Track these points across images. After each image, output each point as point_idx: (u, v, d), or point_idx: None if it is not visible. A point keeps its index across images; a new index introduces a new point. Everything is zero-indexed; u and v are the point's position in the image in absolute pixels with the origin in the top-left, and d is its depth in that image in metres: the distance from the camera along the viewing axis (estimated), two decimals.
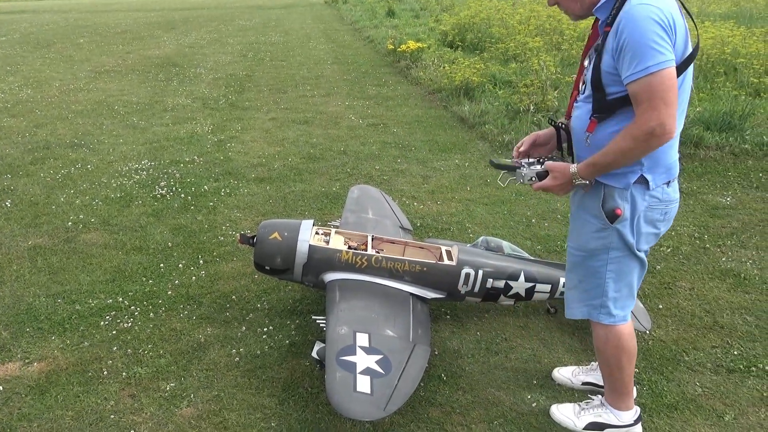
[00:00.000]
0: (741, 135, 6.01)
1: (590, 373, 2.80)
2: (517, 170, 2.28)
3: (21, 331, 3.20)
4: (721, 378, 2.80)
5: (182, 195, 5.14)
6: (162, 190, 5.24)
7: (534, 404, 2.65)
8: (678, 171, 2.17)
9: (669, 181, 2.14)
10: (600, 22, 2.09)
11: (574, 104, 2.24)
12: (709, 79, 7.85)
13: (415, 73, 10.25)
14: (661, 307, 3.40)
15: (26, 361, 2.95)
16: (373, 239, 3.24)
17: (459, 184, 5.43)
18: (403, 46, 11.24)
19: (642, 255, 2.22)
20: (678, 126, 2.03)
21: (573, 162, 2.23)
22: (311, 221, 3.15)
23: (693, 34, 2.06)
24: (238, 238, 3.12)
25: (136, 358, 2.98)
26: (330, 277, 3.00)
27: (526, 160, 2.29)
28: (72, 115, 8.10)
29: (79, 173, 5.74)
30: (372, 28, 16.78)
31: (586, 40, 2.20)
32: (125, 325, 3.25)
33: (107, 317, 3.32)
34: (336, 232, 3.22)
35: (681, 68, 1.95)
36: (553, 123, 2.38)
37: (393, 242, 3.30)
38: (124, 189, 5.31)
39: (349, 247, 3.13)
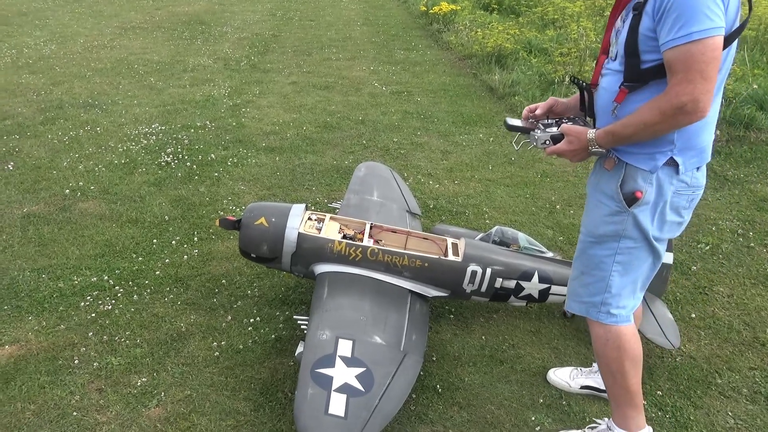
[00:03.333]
0: None
1: (591, 376, 2.52)
2: (531, 132, 2.07)
3: None
4: (758, 408, 2.44)
5: (188, 163, 4.90)
6: (168, 157, 5.01)
7: (538, 428, 2.35)
8: (710, 155, 1.93)
9: (699, 166, 1.90)
10: None
11: (602, 72, 1.97)
12: (766, 53, 7.14)
13: (446, 38, 9.72)
14: (693, 315, 3.03)
15: None
16: (371, 227, 2.93)
17: (481, 161, 5.05)
18: (436, 8, 10.66)
19: (658, 246, 1.96)
20: (714, 104, 1.80)
21: (594, 127, 1.97)
22: (303, 206, 2.86)
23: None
24: (217, 222, 2.85)
25: (111, 346, 2.78)
26: (320, 269, 2.73)
27: (544, 121, 2.08)
28: (90, 74, 7.91)
29: (87, 136, 5.55)
30: None
31: None
32: (106, 307, 3.05)
33: (89, 297, 3.12)
34: (331, 218, 2.93)
35: (730, 39, 1.70)
36: (576, 81, 2.09)
37: (394, 231, 2.99)
38: (130, 155, 5.10)
39: (344, 236, 2.84)
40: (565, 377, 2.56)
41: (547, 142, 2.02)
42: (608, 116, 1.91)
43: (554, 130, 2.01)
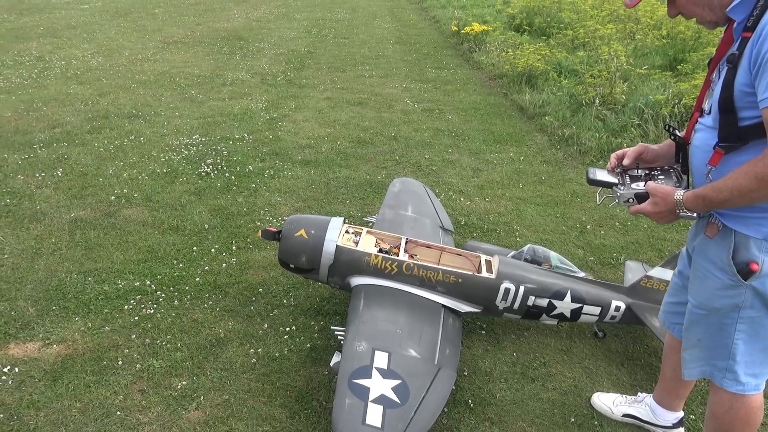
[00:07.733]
0: None
1: (634, 405, 2.52)
2: (614, 187, 1.88)
3: (47, 309, 3.18)
4: None
5: (226, 174, 5.05)
6: (207, 167, 5.17)
7: None
8: None
9: None
10: (736, 25, 1.66)
11: (695, 127, 1.83)
12: None
13: (477, 57, 9.81)
14: None
15: (46, 342, 2.92)
16: (407, 242, 3.00)
17: (511, 179, 5.09)
18: (467, 28, 10.78)
19: None
20: None
21: (688, 185, 1.82)
22: (341, 219, 2.94)
23: None
24: (260, 233, 2.96)
25: (153, 349, 2.89)
26: (357, 281, 2.80)
27: (633, 172, 1.90)
28: (135, 85, 8.19)
29: (132, 145, 5.76)
30: (439, 8, 16.27)
31: (717, 46, 1.76)
32: (148, 311, 3.17)
33: (132, 301, 3.25)
34: (367, 232, 3.01)
35: None
36: (672, 133, 1.91)
37: (429, 246, 3.05)
38: (171, 164, 5.28)
39: (380, 250, 2.91)
40: (609, 403, 2.57)
41: (631, 201, 1.83)
42: (702, 179, 1.74)
43: (641, 185, 1.83)
